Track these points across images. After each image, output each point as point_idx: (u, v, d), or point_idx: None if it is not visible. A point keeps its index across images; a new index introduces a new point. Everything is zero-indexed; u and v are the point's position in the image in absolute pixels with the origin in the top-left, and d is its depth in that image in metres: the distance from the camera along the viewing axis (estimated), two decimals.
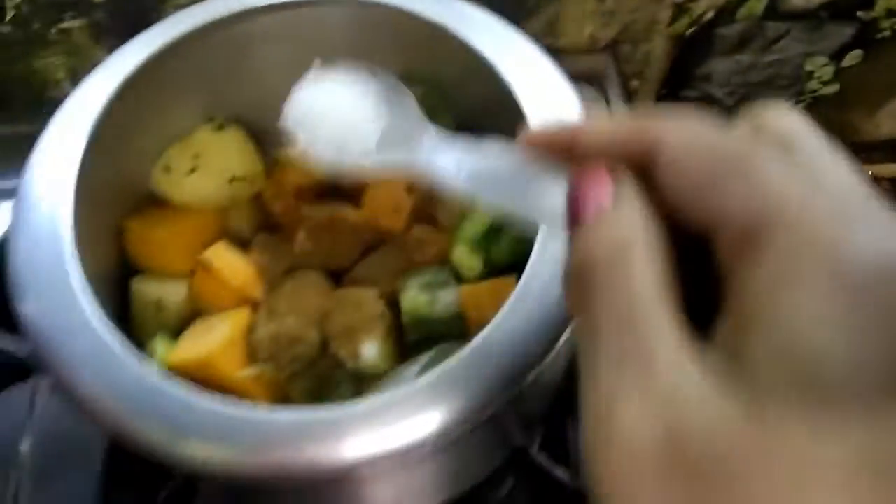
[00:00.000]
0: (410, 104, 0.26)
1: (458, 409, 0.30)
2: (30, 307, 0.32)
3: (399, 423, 0.29)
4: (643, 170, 0.20)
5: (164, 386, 0.30)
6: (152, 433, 0.29)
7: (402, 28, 0.44)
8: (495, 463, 0.43)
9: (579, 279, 0.19)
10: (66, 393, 0.31)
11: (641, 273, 0.18)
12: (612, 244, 0.18)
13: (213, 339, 0.39)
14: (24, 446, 0.49)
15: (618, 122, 0.21)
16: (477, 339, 0.31)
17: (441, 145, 0.24)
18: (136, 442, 0.30)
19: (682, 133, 0.19)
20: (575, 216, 0.20)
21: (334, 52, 0.45)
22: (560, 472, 0.43)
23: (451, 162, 0.24)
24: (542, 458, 0.44)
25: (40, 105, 0.65)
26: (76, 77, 0.64)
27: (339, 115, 0.26)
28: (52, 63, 0.62)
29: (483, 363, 0.31)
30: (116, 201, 0.43)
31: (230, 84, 0.47)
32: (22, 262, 0.33)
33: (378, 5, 0.44)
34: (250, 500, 0.41)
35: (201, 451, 0.29)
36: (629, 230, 0.18)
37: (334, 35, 0.46)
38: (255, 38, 0.45)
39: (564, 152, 0.21)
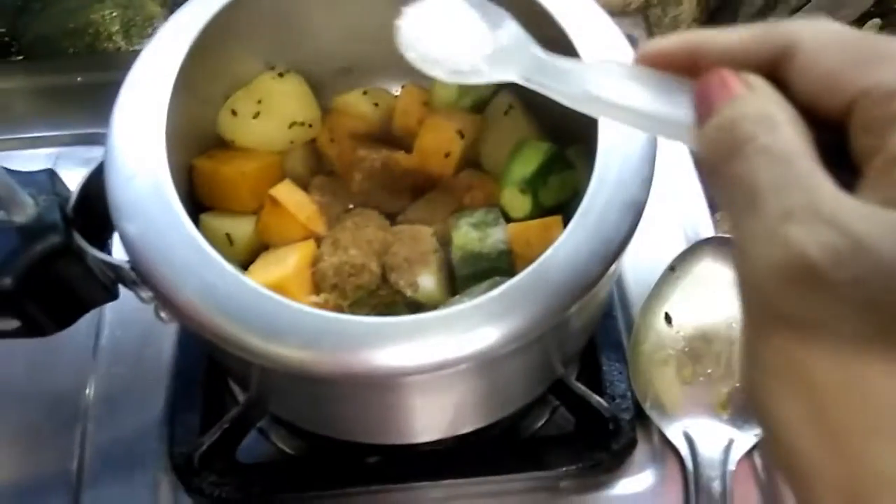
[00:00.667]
0: (511, 25, 0.29)
1: (515, 326, 0.33)
2: (132, 226, 0.35)
3: (460, 335, 0.32)
4: (769, 76, 0.22)
5: (260, 293, 0.33)
6: (250, 336, 0.32)
7: None
8: (537, 391, 0.46)
9: (724, 140, 0.21)
10: (168, 301, 0.34)
11: (791, 133, 0.20)
12: (759, 111, 0.21)
13: (283, 268, 0.43)
14: (92, 376, 0.52)
15: (742, 32, 0.23)
16: (533, 265, 0.34)
17: (548, 61, 0.27)
18: (233, 344, 0.33)
19: (818, 29, 0.22)
20: (708, 105, 0.22)
21: (384, 8, 0.49)
22: (597, 400, 0.47)
23: (563, 75, 0.26)
24: (579, 388, 0.47)
25: (92, 56, 0.68)
26: (129, 30, 0.66)
27: (448, 37, 0.29)
28: (108, 16, 0.65)
29: (538, 285, 0.33)
30: (187, 142, 0.46)
31: (290, 34, 0.49)
32: (122, 187, 0.36)
33: None
34: (313, 410, 0.44)
35: (293, 352, 0.32)
36: (773, 104, 0.21)
37: None
38: None
39: (686, 69, 0.24)
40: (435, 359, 0.32)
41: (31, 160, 0.61)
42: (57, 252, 0.35)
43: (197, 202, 0.47)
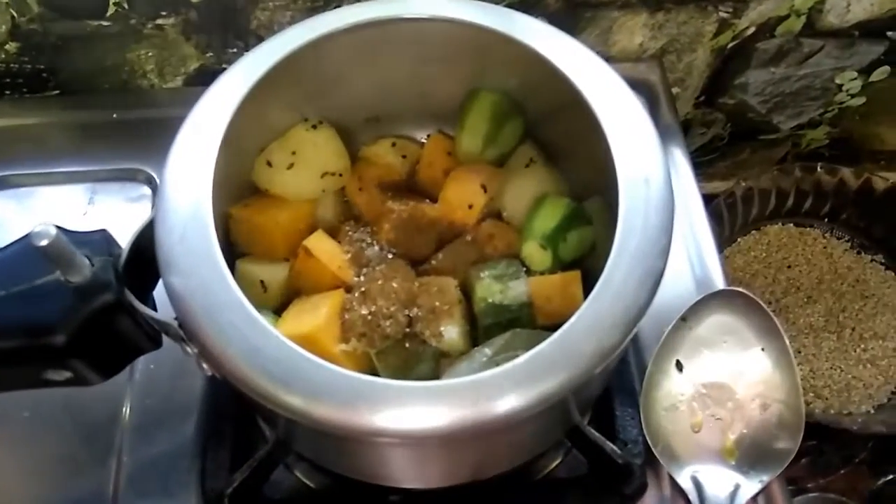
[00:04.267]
0: None
1: (541, 392, 0.35)
2: (180, 283, 0.37)
3: (490, 401, 0.34)
4: None
5: (301, 356, 0.35)
6: (291, 396, 0.35)
7: (476, 41, 0.48)
8: (555, 439, 0.49)
9: None
10: (213, 360, 0.36)
11: None
12: None
13: (315, 318, 0.45)
14: (126, 408, 0.54)
15: None
16: (558, 333, 0.36)
17: None
18: (274, 402, 0.35)
19: None
20: None
21: (411, 64, 0.51)
22: (611, 447, 0.49)
23: None
24: (593, 434, 0.49)
25: (127, 93, 0.70)
26: (163, 69, 0.69)
27: None
28: (143, 55, 0.67)
29: (563, 353, 0.36)
30: (225, 192, 0.48)
31: (323, 87, 0.51)
32: (172, 246, 0.38)
33: (453, 21, 0.48)
34: (339, 456, 0.47)
35: (331, 413, 0.34)
36: None
37: (412, 49, 0.50)
38: (345, 50, 0.49)
39: None
40: (466, 421, 0.34)
41: (68, 195, 0.64)
42: (109, 309, 0.37)
43: (231, 246, 0.49)
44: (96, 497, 0.51)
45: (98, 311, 0.37)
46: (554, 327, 0.40)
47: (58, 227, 0.35)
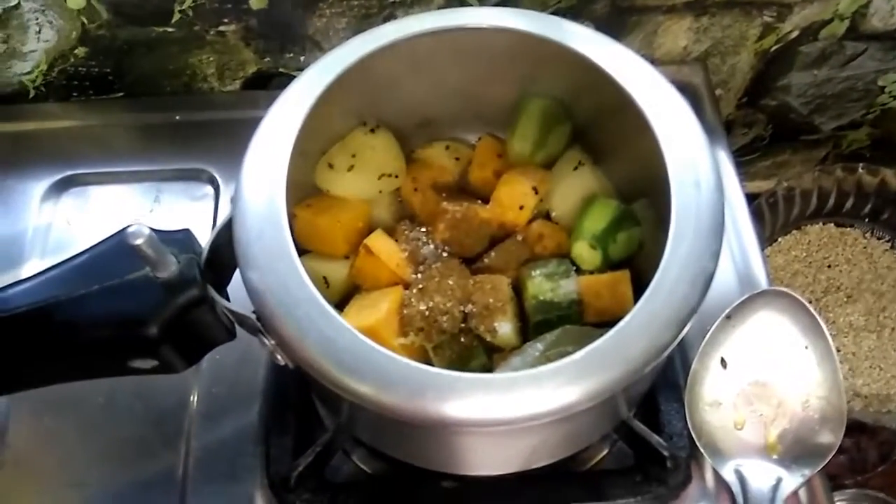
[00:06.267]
0: None
1: (594, 388, 0.37)
2: (258, 277, 0.40)
3: (548, 392, 0.37)
4: None
5: (373, 348, 0.38)
6: (363, 385, 0.37)
7: (526, 48, 0.50)
8: (604, 432, 0.51)
9: None
10: (290, 351, 0.39)
11: None
12: None
13: (377, 313, 0.47)
14: (194, 396, 0.58)
15: None
16: (611, 332, 0.38)
17: None
18: (348, 391, 0.38)
19: None
20: None
21: (463, 70, 0.53)
22: (657, 440, 0.51)
23: None
24: (640, 427, 0.51)
25: (189, 96, 0.73)
26: (223, 73, 0.72)
27: None
28: (205, 60, 0.70)
29: (616, 351, 0.38)
30: (292, 192, 0.51)
31: (380, 93, 0.53)
32: (249, 243, 0.41)
33: (505, 30, 0.50)
34: (398, 442, 0.49)
35: (402, 402, 0.37)
36: None
37: (464, 56, 0.52)
38: (402, 59, 0.51)
39: None
40: (526, 412, 0.37)
41: (134, 193, 0.67)
42: (194, 303, 0.40)
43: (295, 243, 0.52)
44: (167, 479, 0.54)
45: (184, 306, 0.40)
46: (602, 324, 0.43)
47: (149, 228, 0.38)
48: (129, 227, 0.38)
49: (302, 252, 0.52)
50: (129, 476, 0.56)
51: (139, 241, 0.37)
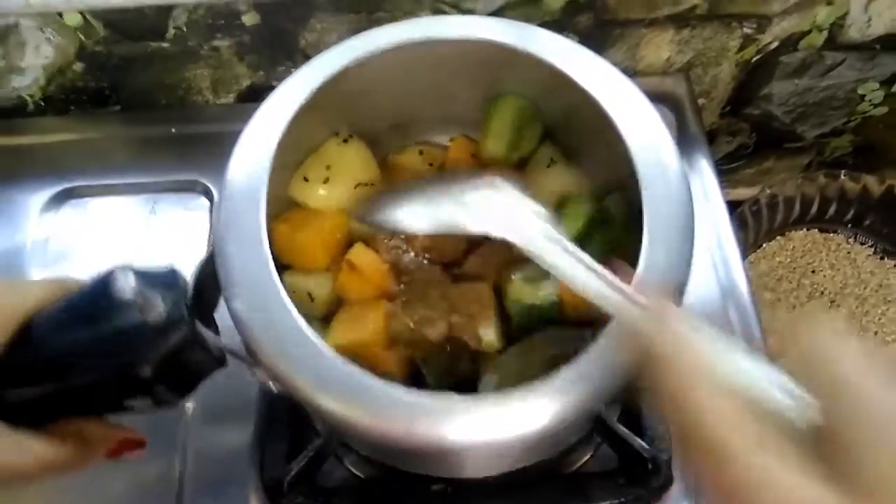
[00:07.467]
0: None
1: (574, 404, 0.39)
2: (242, 307, 0.41)
3: (531, 412, 0.38)
4: None
5: (364, 377, 0.39)
6: (356, 413, 0.38)
7: (495, 55, 0.51)
8: (583, 431, 0.52)
9: None
10: (281, 381, 0.40)
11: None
12: None
13: (363, 329, 0.49)
14: (189, 404, 0.59)
15: None
16: (590, 349, 0.40)
17: None
18: (340, 420, 0.39)
19: None
20: None
21: (434, 76, 0.54)
22: (639, 443, 0.52)
23: None
24: (621, 430, 0.53)
25: (184, 109, 0.75)
26: (217, 87, 0.74)
27: None
28: (200, 74, 0.72)
29: (595, 367, 0.39)
30: (268, 207, 0.52)
31: (351, 101, 0.53)
32: (232, 265, 0.42)
33: (478, 41, 0.51)
34: (388, 452, 0.51)
35: (393, 427, 0.38)
36: None
37: (436, 63, 0.53)
38: (377, 69, 0.52)
39: None
40: (518, 433, 0.38)
41: (130, 205, 0.69)
42: (184, 343, 0.40)
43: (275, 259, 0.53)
44: (164, 481, 0.56)
45: (175, 346, 0.39)
46: (582, 322, 0.45)
47: (133, 272, 0.38)
48: (113, 271, 0.38)
49: (283, 268, 0.54)
50: (125, 481, 0.57)
51: (126, 295, 0.37)
